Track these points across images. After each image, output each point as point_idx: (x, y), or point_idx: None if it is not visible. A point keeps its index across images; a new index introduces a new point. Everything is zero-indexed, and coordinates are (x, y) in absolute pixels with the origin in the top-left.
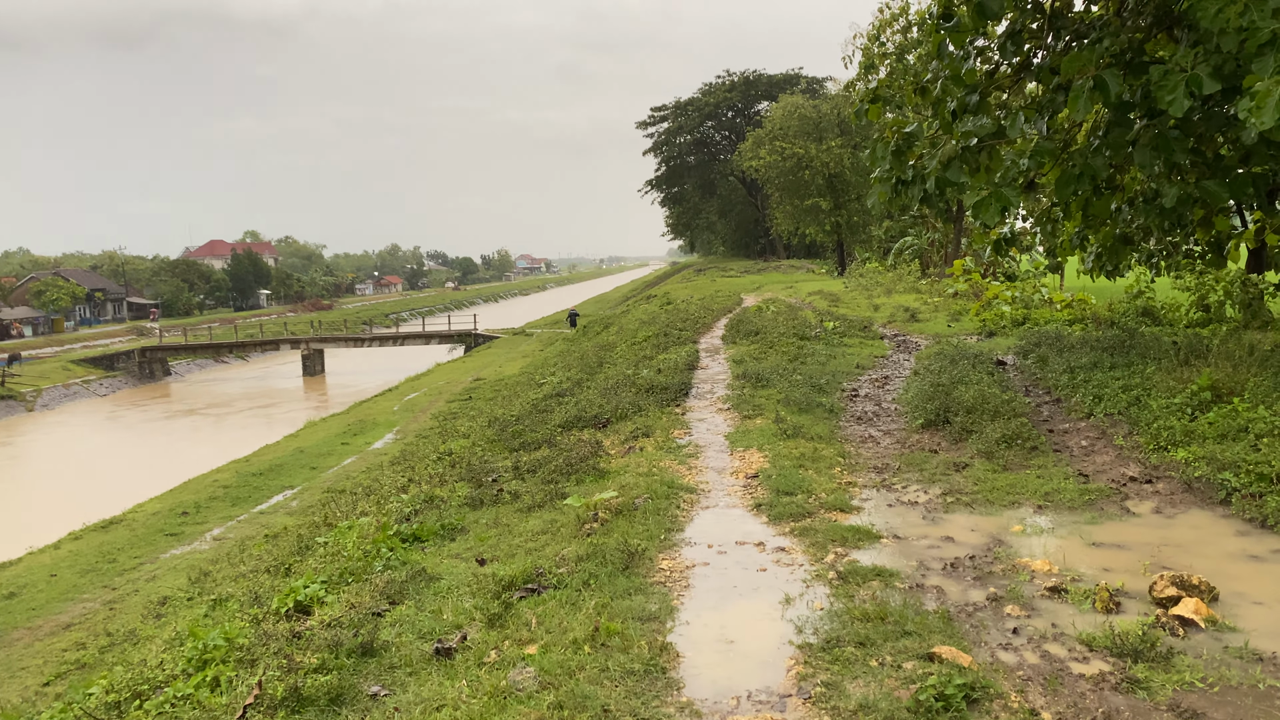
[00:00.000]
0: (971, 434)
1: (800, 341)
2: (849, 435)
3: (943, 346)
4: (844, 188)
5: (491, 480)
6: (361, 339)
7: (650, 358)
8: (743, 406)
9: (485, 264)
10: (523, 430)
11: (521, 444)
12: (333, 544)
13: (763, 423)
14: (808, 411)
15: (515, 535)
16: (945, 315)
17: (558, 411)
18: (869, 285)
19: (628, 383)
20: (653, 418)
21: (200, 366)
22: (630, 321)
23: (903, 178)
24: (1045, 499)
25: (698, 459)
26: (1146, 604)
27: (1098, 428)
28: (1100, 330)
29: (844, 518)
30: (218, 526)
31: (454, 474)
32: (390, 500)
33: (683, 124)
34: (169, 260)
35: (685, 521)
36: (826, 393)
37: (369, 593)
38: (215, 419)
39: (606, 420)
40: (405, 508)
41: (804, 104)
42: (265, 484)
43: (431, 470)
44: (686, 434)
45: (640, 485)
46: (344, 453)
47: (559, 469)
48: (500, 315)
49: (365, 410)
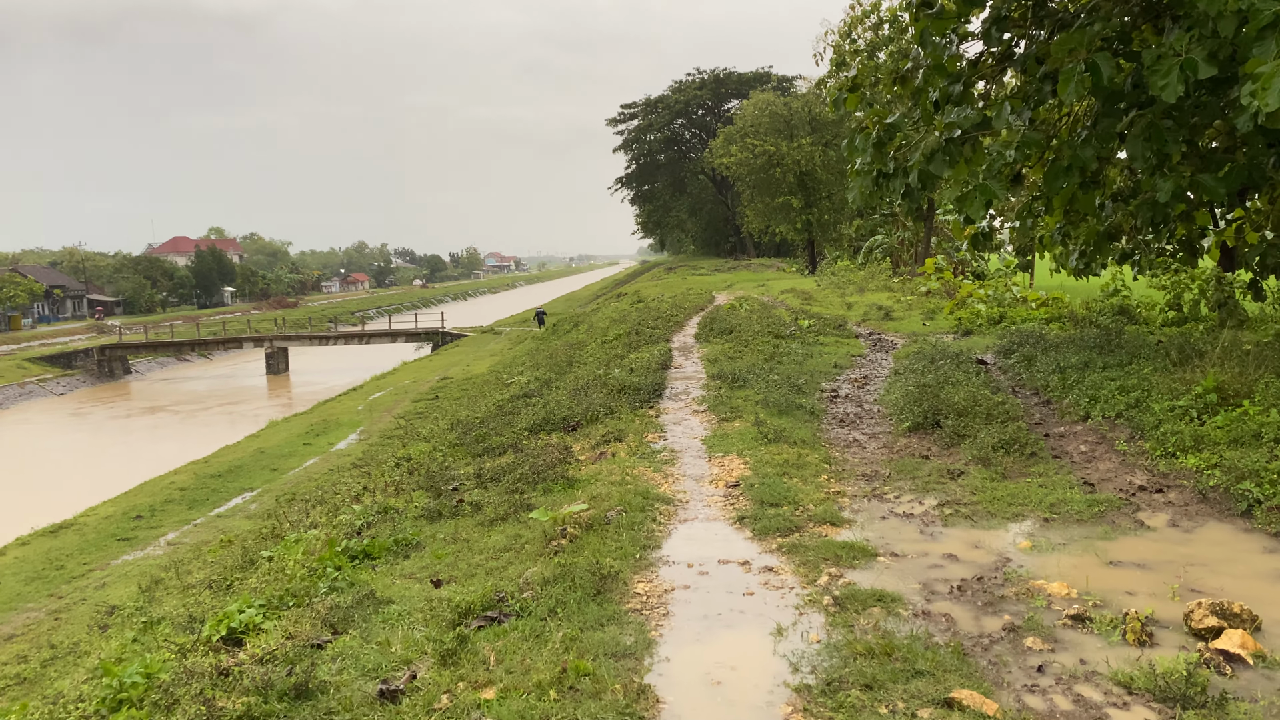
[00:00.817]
0: (964, 438)
1: (775, 340)
2: (833, 439)
3: (920, 345)
4: (815, 185)
5: (452, 489)
6: (327, 337)
7: (622, 357)
8: (720, 408)
9: (454, 262)
10: (487, 434)
11: (485, 449)
12: (277, 560)
13: (741, 426)
14: (788, 414)
15: (475, 552)
16: (919, 314)
17: (525, 413)
18: (841, 283)
19: (598, 383)
20: (625, 420)
21: (162, 365)
22: (601, 320)
23: (884, 170)
24: (1051, 510)
25: (674, 466)
26: (1183, 635)
27: (1096, 431)
28: (1078, 329)
29: (835, 532)
30: (173, 531)
31: (412, 481)
32: (342, 511)
33: (653, 121)
34: (131, 257)
35: (662, 537)
36: (806, 394)
37: (309, 620)
38: (176, 419)
39: (576, 423)
40: (357, 520)
41: (775, 101)
42: (224, 486)
43: (388, 478)
44: (661, 438)
45: (613, 495)
46: (306, 453)
47: (525, 477)
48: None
49: (329, 410)
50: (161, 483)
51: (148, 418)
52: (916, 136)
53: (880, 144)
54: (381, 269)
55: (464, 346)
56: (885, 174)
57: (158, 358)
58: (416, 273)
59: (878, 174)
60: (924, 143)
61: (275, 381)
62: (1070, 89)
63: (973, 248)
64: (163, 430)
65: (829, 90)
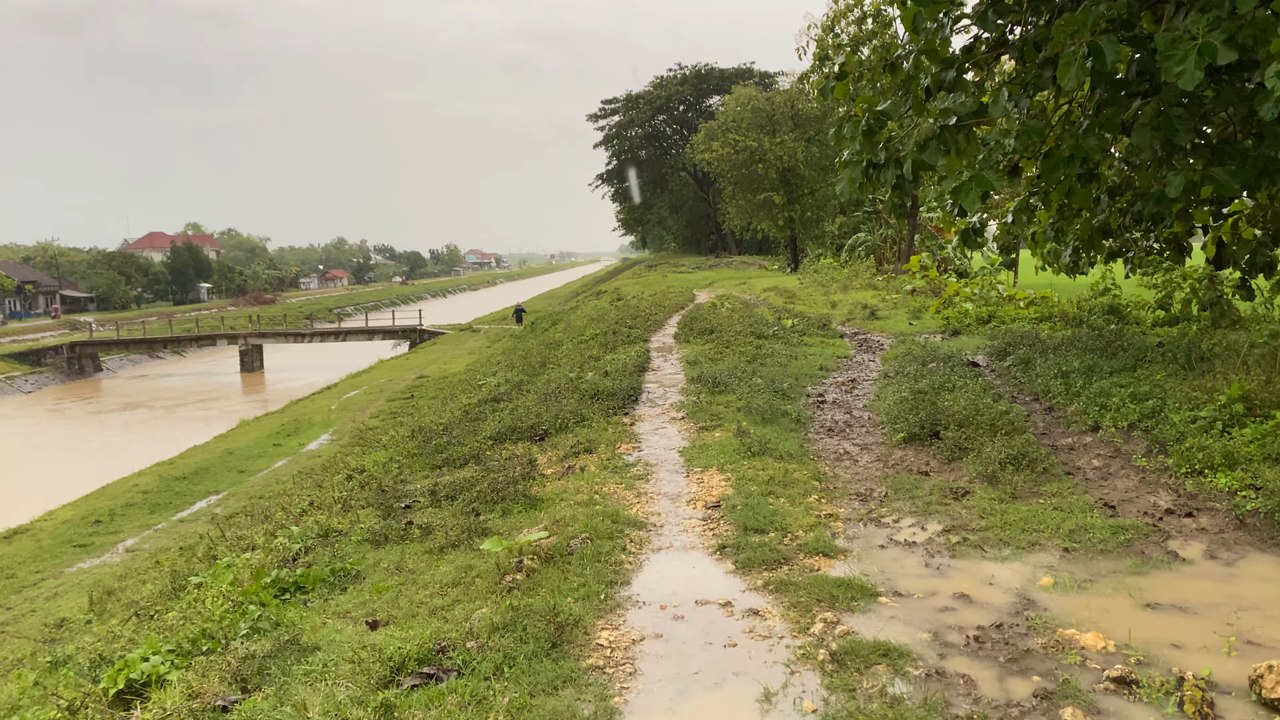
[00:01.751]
0: (967, 452)
1: (758, 341)
2: (821, 451)
3: (909, 346)
4: (798, 182)
5: (404, 507)
6: (302, 334)
7: (597, 358)
8: (699, 415)
9: (434, 259)
10: (449, 443)
11: (445, 460)
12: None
13: (722, 436)
14: (772, 422)
15: (420, 587)
16: (905, 313)
17: (491, 420)
18: (824, 281)
19: (570, 387)
20: (597, 429)
21: (134, 362)
22: (579, 318)
23: (874, 160)
24: (1071, 539)
25: (648, 482)
26: (1250, 704)
27: (1109, 444)
28: (1070, 329)
29: (828, 565)
30: (132, 537)
31: (362, 497)
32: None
33: (634, 117)
34: (106, 253)
35: (632, 571)
36: (790, 399)
37: (219, 673)
38: (146, 417)
39: (545, 432)
40: (295, 543)
41: (757, 96)
42: (189, 489)
43: (337, 493)
44: (636, 449)
45: (578, 519)
46: (276, 455)
47: (483, 495)
48: (448, 311)
49: (301, 409)
50: (124, 485)
51: (117, 416)
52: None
53: (870, 132)
54: (361, 266)
55: (441, 344)
56: (875, 164)
57: (130, 355)
58: (396, 269)
59: (867, 164)
60: (917, 131)
61: (250, 379)
62: (1071, 74)
63: (962, 244)
64: (131, 429)
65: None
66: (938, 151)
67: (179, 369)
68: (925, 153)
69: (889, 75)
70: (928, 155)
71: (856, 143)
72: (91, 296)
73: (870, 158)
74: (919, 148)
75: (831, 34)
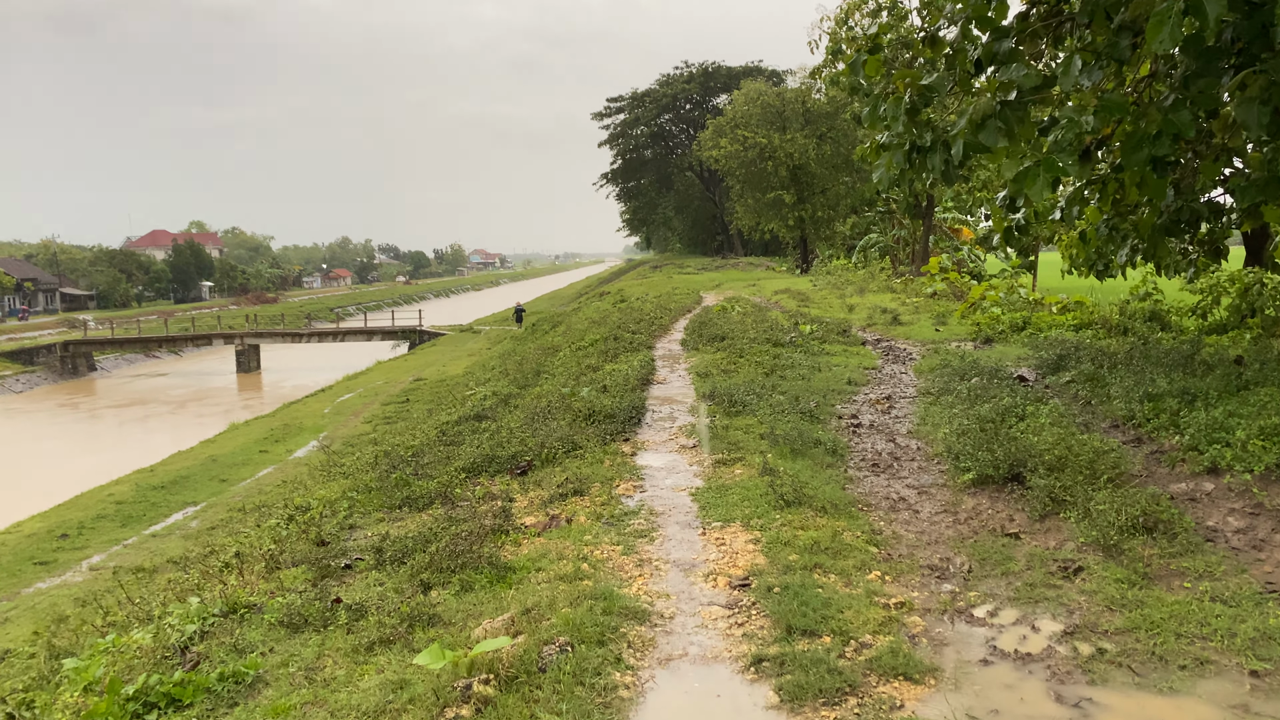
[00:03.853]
0: (1064, 505)
1: (774, 349)
2: (869, 495)
3: (944, 357)
4: (808, 180)
5: (343, 567)
6: (300, 334)
7: (596, 368)
8: (714, 443)
9: (438, 258)
10: (413, 475)
11: (406, 499)
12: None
13: (744, 473)
14: (803, 454)
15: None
16: (928, 318)
17: (468, 444)
18: (839, 284)
19: (562, 405)
20: (592, 460)
21: (129, 362)
22: (580, 321)
23: (919, 144)
24: (1257, 654)
25: (653, 542)
26: None
27: (1244, 494)
28: (1111, 337)
29: (914, 696)
30: (99, 553)
31: (298, 549)
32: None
33: (639, 116)
34: (107, 250)
35: (630, 703)
36: (820, 421)
37: None
38: (136, 418)
39: (528, 463)
40: (188, 624)
41: (767, 91)
42: (166, 499)
43: (266, 544)
44: (637, 489)
45: (558, 604)
46: (261, 462)
47: (439, 558)
48: (451, 311)
49: (293, 413)
50: (99, 494)
51: (107, 417)
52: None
53: (914, 111)
54: (364, 265)
55: (441, 346)
56: (921, 148)
57: (125, 354)
58: (400, 269)
59: (911, 148)
60: (973, 108)
61: (246, 380)
62: (1165, 33)
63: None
64: (119, 431)
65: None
66: (997, 131)
67: (175, 369)
68: (982, 133)
69: (930, 49)
70: (985, 136)
71: (899, 123)
72: (92, 294)
73: (916, 140)
74: (974, 127)
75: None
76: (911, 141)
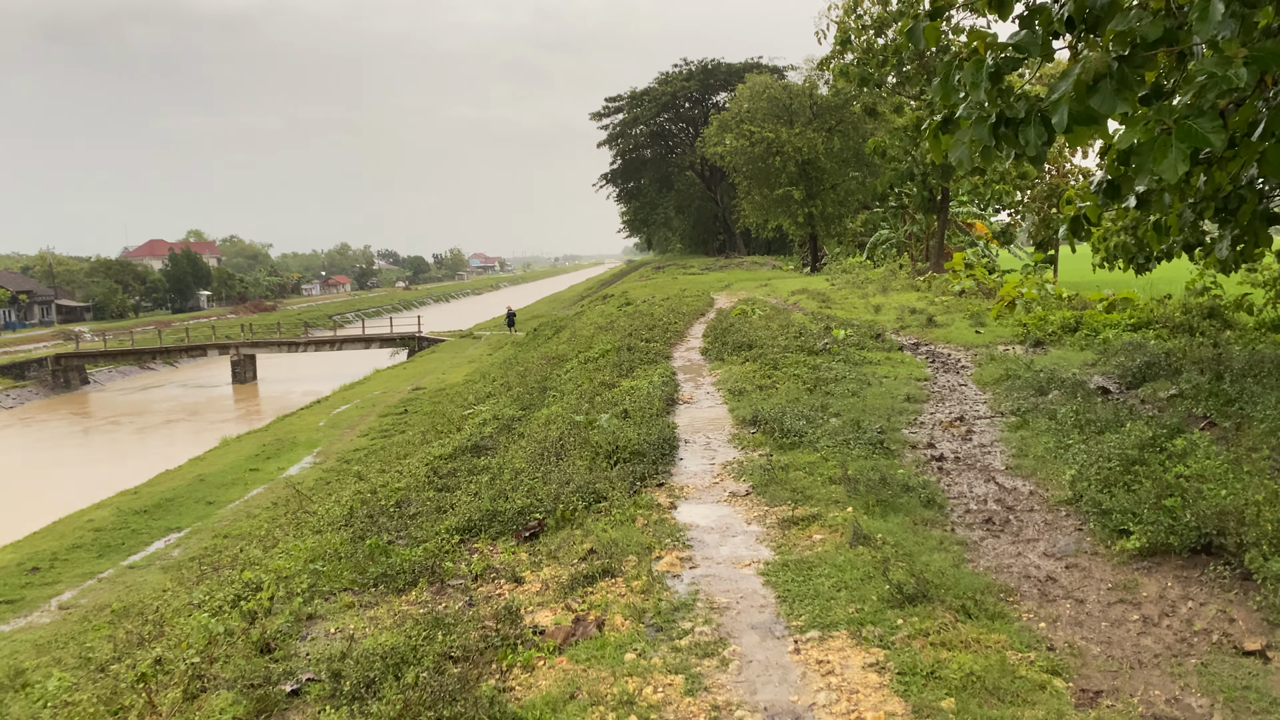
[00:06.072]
0: None
1: (810, 358)
2: (1000, 570)
3: (1005, 367)
4: (818, 175)
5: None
6: (296, 343)
7: (611, 384)
8: (773, 490)
9: (437, 263)
10: (395, 536)
11: (382, 574)
12: None
13: (827, 539)
14: (893, 507)
15: None
16: (962, 318)
17: (464, 490)
18: (858, 282)
19: (577, 437)
20: (620, 519)
21: (124, 374)
22: (584, 326)
23: (1012, 114)
24: None
25: (725, 668)
26: None
27: None
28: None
29: None
30: (70, 589)
31: (232, 660)
32: None
33: (638, 115)
34: (104, 261)
35: None
36: (892, 453)
37: None
38: (126, 434)
39: (539, 523)
40: None
41: (773, 85)
42: (148, 525)
43: (200, 643)
44: (686, 565)
45: None
46: (252, 481)
47: (419, 699)
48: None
49: (287, 426)
50: (78, 520)
51: (98, 433)
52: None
53: (998, 76)
54: (364, 271)
55: (441, 352)
56: (1011, 120)
57: (119, 367)
58: (399, 274)
59: (997, 120)
60: (1082, 65)
61: (242, 391)
62: None
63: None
64: (108, 449)
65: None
66: (1112, 94)
67: (169, 381)
68: (1094, 96)
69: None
70: (1097, 100)
71: (980, 91)
72: (88, 306)
73: (1005, 110)
74: (1082, 91)
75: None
76: (998, 113)
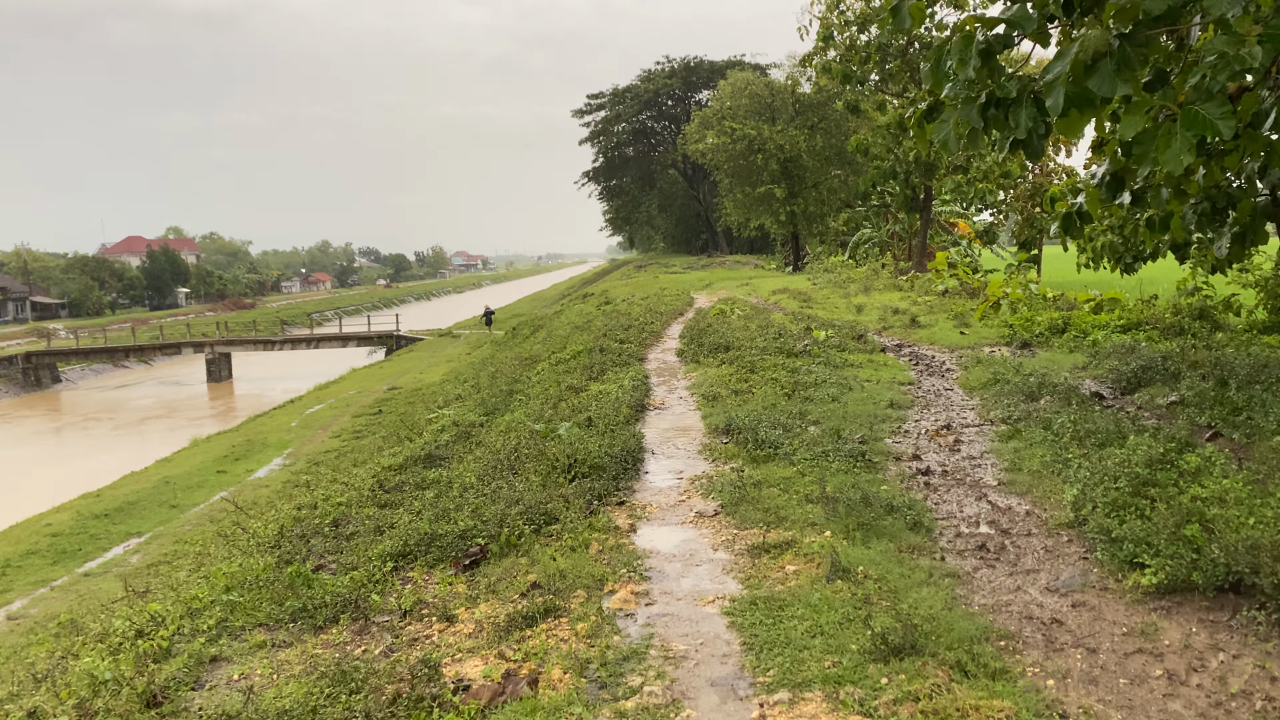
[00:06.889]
0: None
1: (789, 360)
2: (998, 610)
3: (993, 370)
4: (800, 174)
5: None
6: (272, 341)
7: (579, 389)
8: (745, 510)
9: (419, 261)
10: (324, 562)
11: (301, 608)
12: None
13: (801, 571)
14: (875, 531)
15: None
16: (946, 318)
17: (406, 508)
18: (840, 282)
19: (534, 448)
20: (571, 544)
21: (97, 373)
22: (561, 325)
23: (1002, 94)
24: None
25: None
26: None
27: None
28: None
29: None
30: (21, 598)
31: (118, 709)
32: None
33: (621, 112)
34: (80, 257)
35: None
36: (874, 466)
37: None
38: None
39: (481, 549)
40: None
41: (755, 81)
42: (108, 530)
43: (85, 688)
44: (641, 601)
45: None
46: (218, 484)
47: None
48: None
49: (258, 427)
50: (35, 525)
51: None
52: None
53: (990, 53)
54: (345, 269)
55: (419, 351)
56: (1002, 101)
57: (92, 365)
58: (381, 272)
59: (988, 101)
60: (1080, 43)
61: (217, 390)
62: None
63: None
64: (76, 448)
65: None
66: (1114, 76)
67: (144, 379)
68: (1092, 78)
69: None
70: (1095, 82)
71: (969, 69)
72: (64, 303)
73: (996, 90)
74: (1080, 71)
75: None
76: (989, 93)
